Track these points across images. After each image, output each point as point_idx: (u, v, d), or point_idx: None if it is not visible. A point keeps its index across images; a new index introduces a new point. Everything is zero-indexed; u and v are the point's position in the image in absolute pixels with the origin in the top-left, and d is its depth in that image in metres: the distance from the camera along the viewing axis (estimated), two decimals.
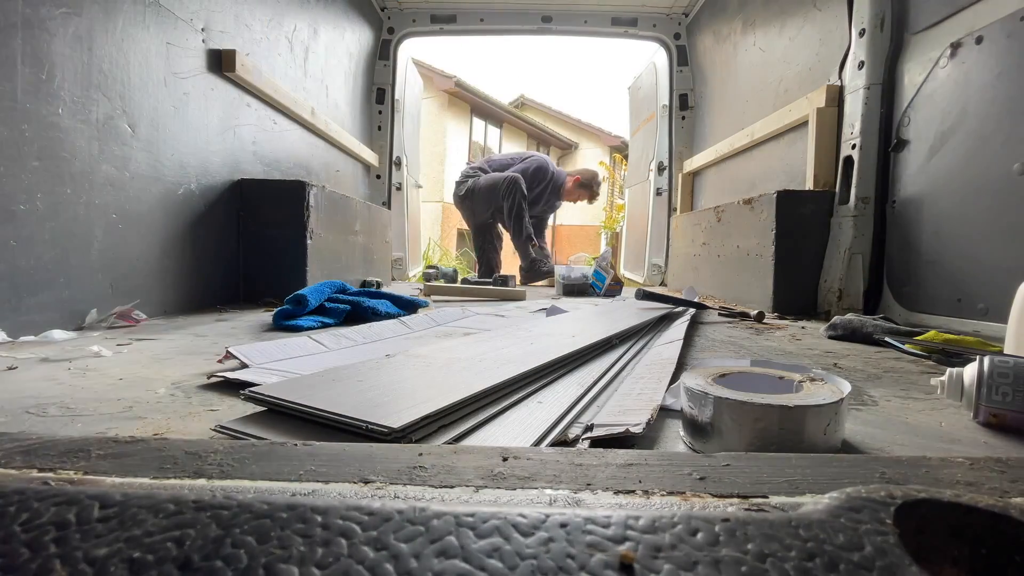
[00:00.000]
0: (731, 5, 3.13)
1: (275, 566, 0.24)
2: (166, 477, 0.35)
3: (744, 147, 2.81)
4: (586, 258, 3.93)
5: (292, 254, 2.02)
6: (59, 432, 0.58)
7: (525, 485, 0.35)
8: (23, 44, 1.17)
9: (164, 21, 1.64)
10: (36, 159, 1.21)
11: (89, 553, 0.25)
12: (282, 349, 0.97)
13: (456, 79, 10.89)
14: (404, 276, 3.95)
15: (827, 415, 0.54)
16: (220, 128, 1.94)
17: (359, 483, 0.35)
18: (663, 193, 3.96)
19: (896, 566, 0.24)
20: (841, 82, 2.04)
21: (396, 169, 3.93)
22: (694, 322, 1.66)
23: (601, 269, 2.92)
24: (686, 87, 3.82)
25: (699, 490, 0.34)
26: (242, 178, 2.04)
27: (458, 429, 0.56)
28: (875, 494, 0.29)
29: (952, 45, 1.61)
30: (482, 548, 0.25)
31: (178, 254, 1.72)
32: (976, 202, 1.54)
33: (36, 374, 0.86)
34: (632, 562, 0.24)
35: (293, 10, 2.51)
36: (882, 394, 0.85)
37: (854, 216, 1.92)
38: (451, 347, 0.95)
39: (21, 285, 1.19)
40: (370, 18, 3.61)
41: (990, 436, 0.65)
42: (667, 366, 0.88)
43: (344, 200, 2.47)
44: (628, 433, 0.57)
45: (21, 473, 0.34)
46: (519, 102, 14.92)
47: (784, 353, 1.22)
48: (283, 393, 0.60)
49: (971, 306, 1.53)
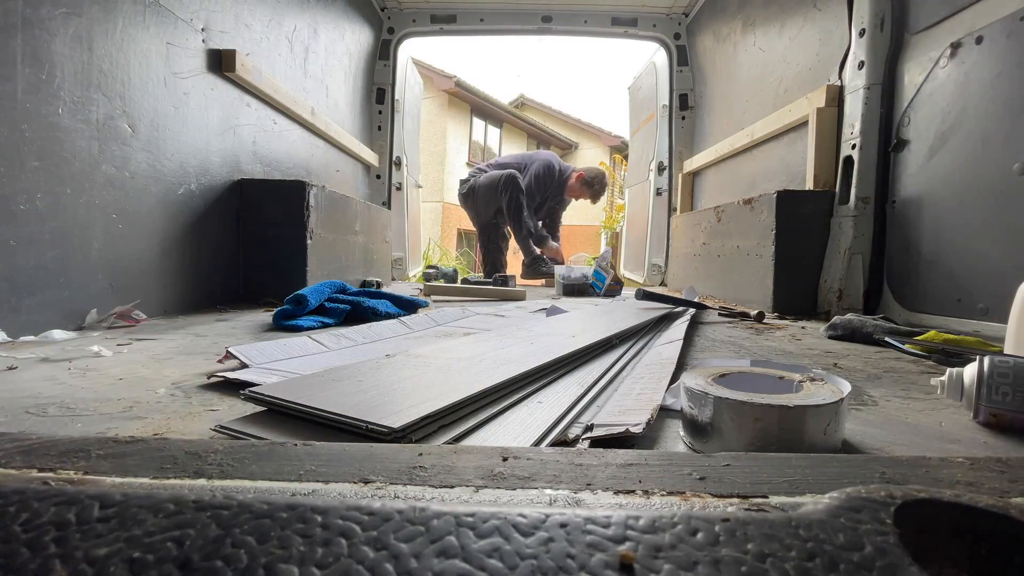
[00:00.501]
0: (731, 5, 3.13)
1: (275, 566, 0.24)
2: (166, 477, 0.35)
3: (744, 147, 2.81)
4: (586, 258, 3.93)
5: (292, 254, 2.02)
6: (59, 432, 0.58)
7: (525, 485, 0.35)
8: (23, 44, 1.17)
9: (164, 21, 1.64)
10: (36, 159, 1.21)
11: (89, 553, 0.25)
12: (282, 349, 0.97)
13: (456, 79, 10.90)
14: (404, 276, 3.95)
15: (827, 415, 0.54)
16: (220, 128, 1.94)
17: (359, 483, 0.35)
18: (663, 193, 3.96)
19: (896, 566, 0.24)
20: (841, 82, 2.04)
21: (396, 169, 3.93)
22: (694, 322, 1.66)
23: (601, 269, 2.92)
24: (686, 87, 3.82)
25: (699, 490, 0.34)
26: (242, 178, 2.04)
27: (458, 429, 0.56)
28: (875, 494, 0.29)
29: (952, 45, 1.61)
30: (482, 548, 0.25)
31: (178, 254, 1.72)
32: (976, 202, 1.54)
33: (36, 374, 0.86)
34: (632, 562, 0.24)
35: (293, 10, 2.51)
36: (882, 394, 0.85)
37: (854, 216, 1.92)
38: (451, 347, 0.95)
39: (21, 285, 1.18)
40: (370, 18, 3.61)
41: (990, 436, 0.65)
42: (667, 366, 0.88)
43: (344, 200, 2.47)
44: (628, 433, 0.57)
45: (21, 473, 0.34)
46: (519, 102, 14.92)
47: (784, 353, 1.22)
48: (283, 393, 0.60)
49: (971, 306, 1.53)
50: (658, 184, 3.99)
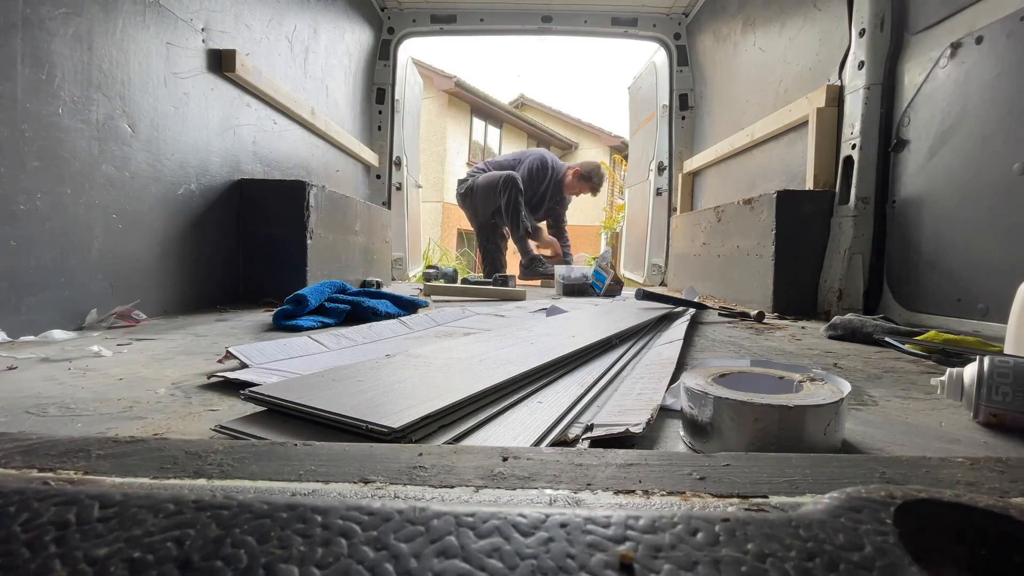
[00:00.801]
0: (731, 5, 3.13)
1: (275, 566, 0.24)
2: (166, 477, 0.35)
3: (744, 147, 2.81)
4: (586, 258, 3.93)
5: (292, 254, 2.02)
6: (59, 432, 0.58)
7: (525, 485, 0.35)
8: (23, 44, 1.17)
9: (164, 21, 1.64)
10: (36, 159, 1.21)
11: (89, 553, 0.25)
12: (282, 349, 0.97)
13: (456, 79, 10.89)
14: (404, 276, 3.96)
15: (827, 415, 0.54)
16: (220, 128, 1.94)
17: (359, 483, 0.35)
18: (663, 193, 3.96)
19: (896, 566, 0.24)
20: (841, 82, 2.04)
21: (396, 169, 3.93)
22: (694, 322, 1.66)
23: (601, 269, 2.92)
24: (686, 87, 3.82)
25: (699, 490, 0.34)
26: (242, 178, 2.04)
27: (458, 429, 0.56)
28: (875, 494, 0.29)
29: (952, 45, 1.61)
30: (482, 548, 0.25)
31: (178, 254, 1.72)
32: (976, 202, 1.54)
33: (36, 374, 0.86)
34: (632, 562, 0.24)
35: (293, 10, 2.51)
36: (882, 394, 0.85)
37: (854, 216, 1.92)
38: (451, 347, 0.95)
39: (21, 285, 1.18)
40: (370, 18, 3.61)
41: (990, 436, 0.65)
42: (667, 366, 0.88)
43: (344, 200, 2.47)
44: (628, 433, 0.57)
45: (21, 473, 0.34)
46: (519, 102, 14.92)
47: (784, 353, 1.22)
48: (283, 393, 0.60)
49: (971, 306, 1.53)
50: (658, 184, 3.99)
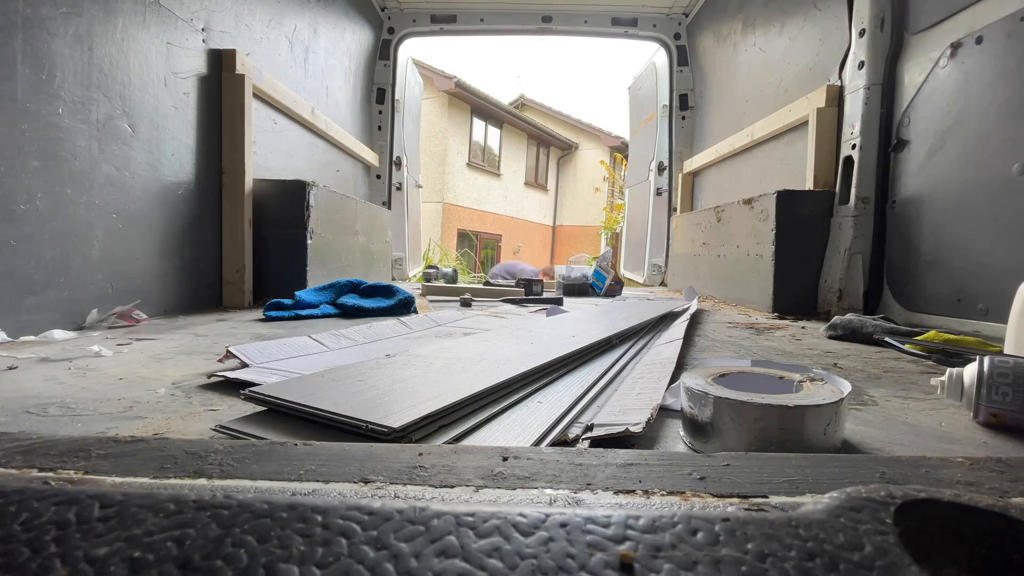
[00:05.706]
0: (731, 5, 3.13)
1: (275, 566, 0.24)
2: (166, 477, 0.35)
3: (744, 147, 2.81)
4: (586, 258, 3.93)
5: (292, 254, 2.02)
6: (59, 432, 0.58)
7: (525, 485, 0.35)
8: (23, 44, 1.17)
9: (164, 21, 1.64)
10: (36, 159, 1.21)
11: (89, 552, 0.25)
12: (282, 348, 0.97)
13: (456, 79, 10.88)
14: (404, 276, 3.96)
15: (827, 415, 0.54)
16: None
17: (359, 483, 0.35)
18: (663, 193, 3.96)
19: (896, 566, 0.24)
20: (841, 82, 2.04)
21: (396, 169, 3.93)
22: (694, 322, 1.66)
23: (601, 269, 2.93)
24: (686, 87, 3.82)
25: (699, 490, 0.34)
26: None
27: (458, 429, 0.56)
28: (875, 494, 0.29)
29: (952, 45, 1.61)
30: (482, 548, 0.25)
31: (178, 254, 1.72)
32: (976, 202, 1.54)
33: (36, 374, 0.86)
34: (632, 562, 0.24)
35: (293, 10, 2.51)
36: (882, 394, 0.85)
37: (854, 216, 1.92)
38: (451, 347, 0.95)
39: (21, 285, 1.19)
40: (370, 18, 3.61)
41: (990, 436, 0.65)
42: (667, 366, 0.88)
43: (344, 200, 2.47)
44: (628, 433, 0.57)
45: (21, 473, 0.34)
46: (519, 103, 14.92)
47: (784, 353, 1.22)
48: (283, 393, 0.60)
49: (971, 306, 1.53)
50: (658, 184, 3.99)
